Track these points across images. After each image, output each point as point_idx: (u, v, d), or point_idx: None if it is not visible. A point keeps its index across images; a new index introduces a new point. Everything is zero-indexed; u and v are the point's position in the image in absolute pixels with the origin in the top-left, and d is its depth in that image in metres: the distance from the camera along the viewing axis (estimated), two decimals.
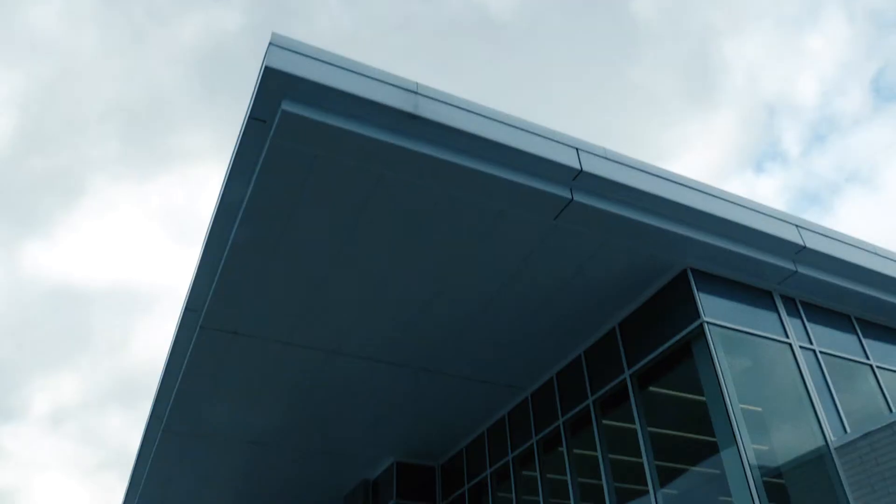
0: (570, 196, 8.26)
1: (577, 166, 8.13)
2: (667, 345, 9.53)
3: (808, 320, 10.12)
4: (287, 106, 6.92)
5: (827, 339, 10.15)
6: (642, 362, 9.94)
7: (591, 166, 8.23)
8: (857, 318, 10.75)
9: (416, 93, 7.42)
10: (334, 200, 8.06)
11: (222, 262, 8.84)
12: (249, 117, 7.11)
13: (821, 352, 9.84)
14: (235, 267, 8.95)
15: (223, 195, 8.05)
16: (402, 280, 9.49)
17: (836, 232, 10.18)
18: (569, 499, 10.97)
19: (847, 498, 8.28)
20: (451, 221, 8.49)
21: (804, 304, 10.26)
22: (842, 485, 8.39)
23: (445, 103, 7.57)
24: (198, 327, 10.07)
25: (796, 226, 9.69)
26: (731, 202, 9.24)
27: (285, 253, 8.82)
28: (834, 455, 8.62)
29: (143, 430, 13.25)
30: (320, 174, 7.66)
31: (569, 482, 11.06)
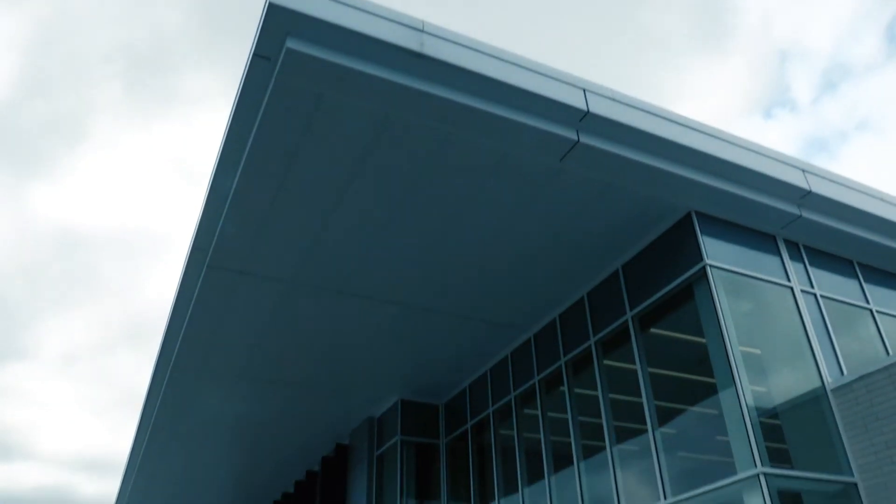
0: (576, 137, 8.22)
1: (584, 107, 8.07)
2: (669, 287, 9.62)
3: (811, 264, 10.18)
4: (291, 44, 6.84)
5: (828, 283, 10.22)
6: (644, 304, 10.04)
7: (598, 108, 8.17)
8: (859, 263, 10.80)
9: (422, 31, 7.32)
10: (339, 140, 8.04)
11: (228, 201, 8.86)
12: (254, 55, 7.04)
13: (822, 296, 9.92)
14: (241, 207, 8.99)
15: (228, 133, 8.02)
16: (406, 220, 9.53)
17: (841, 177, 10.13)
18: (569, 437, 11.22)
19: (841, 437, 8.47)
20: (455, 162, 8.47)
21: (807, 248, 10.30)
22: (836, 425, 8.58)
23: (452, 42, 7.48)
24: (205, 266, 10.16)
25: (802, 170, 9.65)
26: (737, 145, 9.18)
27: (290, 193, 8.83)
28: (830, 396, 8.77)
29: (152, 369, 13.51)
30: (325, 113, 7.63)
31: (569, 421, 11.30)
